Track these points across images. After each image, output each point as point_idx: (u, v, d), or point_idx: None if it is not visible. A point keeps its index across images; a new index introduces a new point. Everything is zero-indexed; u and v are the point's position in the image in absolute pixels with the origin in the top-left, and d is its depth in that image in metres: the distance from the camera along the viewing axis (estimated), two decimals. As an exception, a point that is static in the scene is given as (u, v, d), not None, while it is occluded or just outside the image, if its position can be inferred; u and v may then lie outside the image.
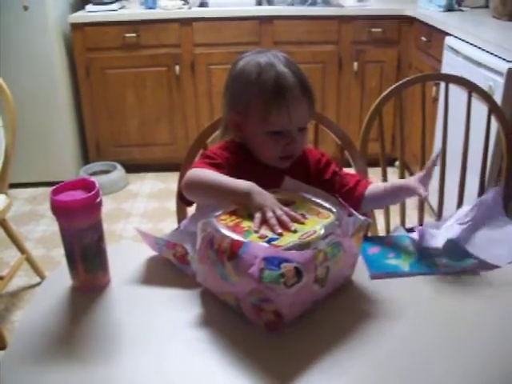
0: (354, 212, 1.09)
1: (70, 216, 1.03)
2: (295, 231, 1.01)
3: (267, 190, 1.14)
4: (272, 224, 1.03)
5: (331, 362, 0.92)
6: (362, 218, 1.07)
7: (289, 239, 0.99)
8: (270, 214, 1.05)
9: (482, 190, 1.81)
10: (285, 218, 1.04)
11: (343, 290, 1.10)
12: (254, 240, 0.98)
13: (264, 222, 1.04)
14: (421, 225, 1.76)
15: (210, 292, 1.08)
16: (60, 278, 1.14)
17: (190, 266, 1.11)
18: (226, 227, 1.02)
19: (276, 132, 1.23)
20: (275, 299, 0.95)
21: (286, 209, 1.07)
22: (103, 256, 1.11)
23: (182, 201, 1.32)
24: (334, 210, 1.09)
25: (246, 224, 1.04)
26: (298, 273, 0.94)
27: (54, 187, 1.06)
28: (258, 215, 1.05)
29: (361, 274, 1.16)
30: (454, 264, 1.18)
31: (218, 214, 1.07)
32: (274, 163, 1.28)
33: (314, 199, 1.13)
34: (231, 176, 1.18)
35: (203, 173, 1.20)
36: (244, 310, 1.01)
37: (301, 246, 0.97)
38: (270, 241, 0.98)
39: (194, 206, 1.30)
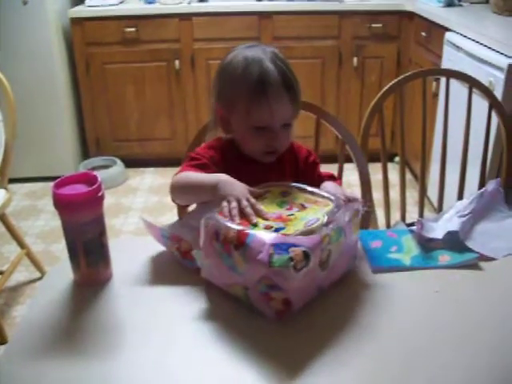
0: (352, 195, 1.14)
1: (72, 210, 1.03)
2: (256, 224, 1.02)
3: (261, 184, 1.17)
4: (232, 214, 1.04)
5: (334, 354, 0.92)
6: (356, 204, 1.10)
7: (295, 228, 1.00)
8: (233, 204, 1.06)
9: (482, 185, 1.81)
10: (248, 210, 1.05)
11: (345, 284, 1.10)
12: (261, 231, 1.00)
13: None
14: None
15: (214, 286, 1.08)
16: (61, 273, 1.14)
17: (192, 261, 1.11)
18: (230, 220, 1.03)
19: (259, 127, 1.24)
20: (284, 285, 0.96)
21: (253, 201, 1.08)
22: (105, 250, 1.11)
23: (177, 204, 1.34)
24: (332, 197, 1.11)
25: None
26: (306, 256, 0.95)
27: (56, 181, 1.06)
28: (223, 204, 1.07)
29: (363, 268, 1.16)
30: (454, 257, 1.18)
31: (220, 209, 1.07)
32: (258, 157, 1.29)
33: (309, 189, 1.16)
34: (219, 172, 1.21)
35: (184, 176, 1.23)
36: (253, 299, 1.01)
37: (306, 234, 0.99)
38: (276, 230, 1.00)
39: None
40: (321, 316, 1.02)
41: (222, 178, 1.15)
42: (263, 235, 0.97)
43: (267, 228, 1.01)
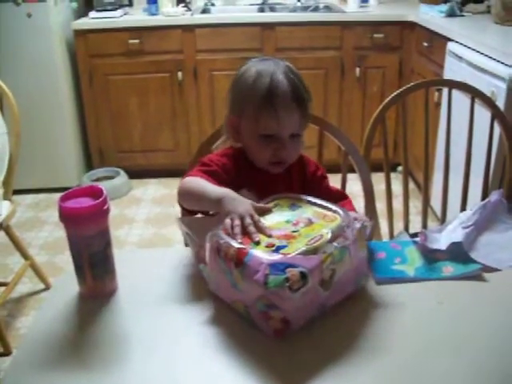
0: (356, 214, 1.12)
1: (77, 223, 1.04)
2: (258, 242, 1.01)
3: (269, 195, 1.16)
4: (235, 232, 1.03)
5: (337, 367, 0.92)
6: (364, 218, 1.10)
7: (296, 246, 0.99)
8: (236, 222, 1.05)
9: (485, 195, 1.81)
10: (251, 228, 1.04)
11: (348, 295, 1.10)
12: (261, 249, 0.99)
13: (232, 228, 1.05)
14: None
15: (221, 300, 1.08)
16: (67, 285, 1.14)
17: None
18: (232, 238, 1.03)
19: (267, 136, 1.25)
20: (281, 305, 0.95)
21: (257, 218, 1.07)
22: (111, 262, 1.11)
23: (183, 208, 1.33)
24: (341, 212, 1.10)
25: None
26: (303, 277, 0.94)
27: (62, 194, 1.06)
28: (226, 221, 1.06)
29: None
30: (458, 269, 1.18)
31: (223, 225, 1.07)
32: (265, 167, 1.30)
33: (319, 202, 1.14)
34: (230, 183, 1.21)
35: (192, 181, 1.23)
36: (253, 316, 1.01)
37: (308, 252, 0.98)
38: (277, 249, 0.99)
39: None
40: (323, 328, 1.02)
41: (228, 193, 1.14)
42: (261, 255, 0.96)
43: (269, 246, 1.00)
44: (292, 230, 1.05)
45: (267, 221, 1.08)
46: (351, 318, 1.05)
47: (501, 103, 2.19)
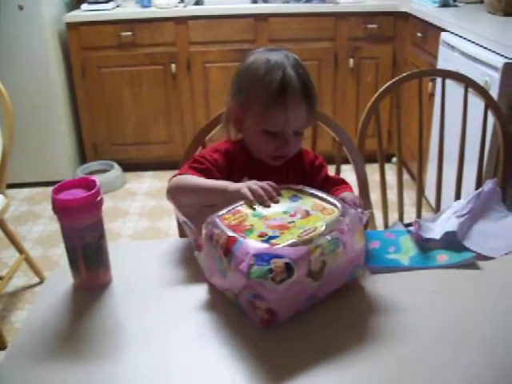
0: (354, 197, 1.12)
1: (71, 215, 1.04)
2: (251, 230, 1.01)
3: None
4: (260, 195, 1.07)
5: (332, 356, 0.93)
6: (362, 211, 1.08)
7: (287, 237, 0.98)
8: (252, 187, 1.09)
9: (479, 185, 1.81)
10: (266, 186, 1.09)
11: (342, 284, 1.10)
12: (253, 238, 0.98)
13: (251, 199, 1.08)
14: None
15: (215, 289, 1.08)
16: (61, 278, 1.14)
17: None
18: (227, 226, 1.02)
19: (271, 132, 1.25)
20: (266, 295, 0.94)
21: (261, 183, 1.11)
22: (104, 254, 1.11)
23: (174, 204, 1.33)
24: (339, 204, 1.08)
25: (249, 222, 1.04)
26: (288, 268, 0.93)
27: (55, 186, 1.06)
28: (244, 191, 1.09)
29: (361, 269, 1.16)
30: (452, 257, 1.19)
31: (221, 213, 1.07)
32: (266, 160, 1.30)
33: (319, 194, 1.13)
34: (223, 177, 1.22)
35: (186, 178, 1.23)
36: (242, 305, 1.01)
37: (298, 244, 0.97)
38: (269, 239, 0.98)
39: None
40: (315, 317, 1.02)
41: (231, 184, 1.16)
42: (249, 244, 0.96)
43: (261, 235, 0.99)
44: (288, 220, 1.04)
45: (265, 210, 1.08)
46: (344, 307, 1.05)
47: (494, 92, 2.19)
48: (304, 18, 3.51)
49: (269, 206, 1.07)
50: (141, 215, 3.33)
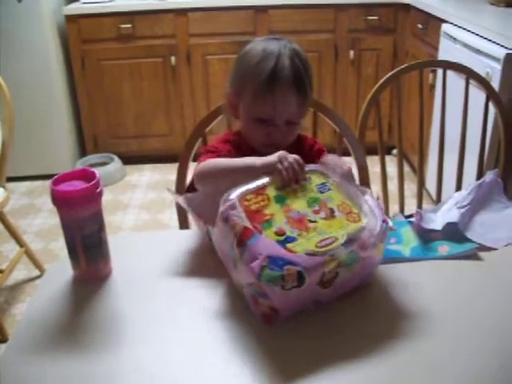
0: (385, 217, 1.03)
1: (70, 206, 1.03)
2: (270, 223, 0.96)
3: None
4: (289, 176, 1.04)
5: (331, 348, 0.93)
6: (388, 225, 1.02)
7: (305, 245, 0.94)
8: (285, 165, 1.05)
9: (480, 176, 1.81)
10: (295, 165, 1.05)
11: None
12: (269, 235, 0.95)
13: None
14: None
15: (216, 280, 1.08)
16: (61, 270, 1.14)
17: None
18: (245, 211, 0.97)
19: (262, 119, 1.25)
20: (271, 296, 0.93)
21: (291, 158, 1.07)
22: (104, 246, 1.11)
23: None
24: (367, 214, 1.02)
25: (269, 210, 0.99)
26: (300, 277, 0.91)
27: (55, 177, 1.05)
28: (278, 166, 1.05)
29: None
30: (454, 248, 1.18)
31: (244, 190, 1.01)
32: (259, 148, 1.29)
33: (351, 191, 1.06)
34: None
35: (212, 162, 1.21)
36: (246, 295, 1.00)
37: (315, 255, 0.93)
38: (285, 240, 0.94)
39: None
40: (318, 311, 1.01)
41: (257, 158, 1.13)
42: (265, 243, 0.92)
43: (279, 233, 0.95)
44: (310, 218, 0.99)
45: (289, 194, 1.03)
46: (344, 298, 1.04)
47: (495, 84, 2.18)
48: (304, 10, 3.49)
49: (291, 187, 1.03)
50: (141, 208, 3.33)
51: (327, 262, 0.93)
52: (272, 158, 1.08)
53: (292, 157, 1.07)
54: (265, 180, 1.05)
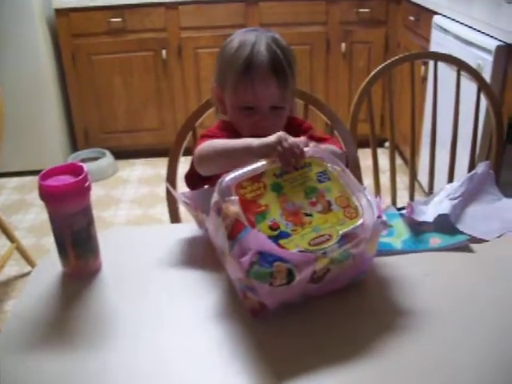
0: (382, 214, 1.01)
1: (58, 201, 1.02)
2: (264, 215, 0.93)
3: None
4: (287, 160, 1.00)
5: (325, 344, 0.92)
6: (382, 221, 1.00)
7: (298, 242, 0.92)
8: (285, 146, 1.00)
9: (472, 168, 1.81)
10: (296, 149, 1.00)
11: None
12: (263, 229, 0.92)
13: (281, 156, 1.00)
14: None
15: (207, 274, 1.07)
16: (50, 265, 1.13)
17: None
18: (240, 200, 0.94)
19: (247, 108, 1.25)
20: (259, 291, 0.91)
21: (291, 141, 1.02)
22: (94, 241, 1.10)
23: (189, 186, 1.31)
24: (364, 211, 0.99)
25: (264, 201, 0.95)
26: (289, 274, 0.89)
27: (42, 172, 1.04)
28: (278, 148, 1.01)
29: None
30: (445, 240, 1.18)
31: (240, 174, 0.98)
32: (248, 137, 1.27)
33: (351, 183, 1.03)
34: None
35: (212, 143, 1.20)
36: (236, 288, 0.99)
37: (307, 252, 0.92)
38: (279, 236, 0.92)
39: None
40: (309, 305, 1.00)
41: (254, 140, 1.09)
42: (256, 236, 0.89)
43: (272, 227, 0.93)
44: (305, 211, 0.96)
45: (286, 182, 0.99)
46: (338, 294, 1.03)
47: (487, 75, 2.18)
48: (295, 2, 3.48)
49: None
50: (133, 203, 3.32)
51: (318, 260, 0.91)
52: (271, 138, 1.04)
53: (292, 139, 1.03)
54: (262, 164, 1.00)
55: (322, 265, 0.92)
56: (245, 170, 0.99)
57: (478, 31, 2.38)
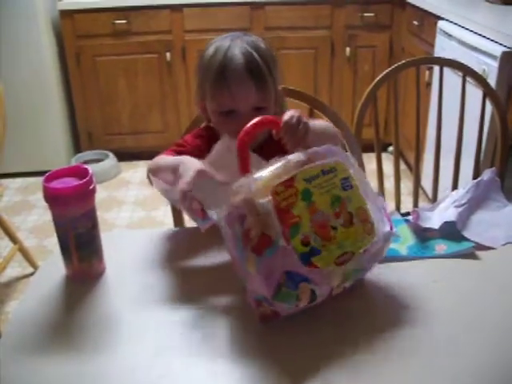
0: (392, 225, 1.02)
1: (62, 204, 1.02)
2: (298, 226, 0.88)
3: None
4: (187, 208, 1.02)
5: (330, 345, 0.92)
6: (391, 231, 1.01)
7: (326, 259, 0.90)
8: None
9: (476, 175, 1.80)
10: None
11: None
12: (296, 246, 0.88)
13: None
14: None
15: (211, 277, 1.07)
16: (53, 267, 1.13)
17: (203, 219, 1.02)
18: (275, 207, 0.88)
19: (228, 112, 1.24)
20: (279, 309, 0.93)
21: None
22: (97, 244, 1.09)
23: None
24: (379, 223, 0.99)
25: (296, 211, 0.90)
26: (312, 294, 0.91)
27: (47, 174, 1.04)
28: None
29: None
30: (451, 247, 1.17)
31: (272, 175, 0.91)
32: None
33: (368, 193, 1.00)
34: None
35: (158, 158, 1.25)
36: (247, 293, 0.97)
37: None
38: (310, 252, 0.89)
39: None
40: (314, 309, 1.00)
41: (184, 159, 1.10)
42: (284, 255, 0.87)
43: (304, 242, 0.89)
44: (331, 224, 0.92)
45: (315, 190, 0.92)
46: (343, 296, 1.03)
47: (492, 81, 2.17)
48: (300, 6, 3.48)
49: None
50: (136, 205, 3.31)
51: (338, 284, 0.94)
52: (190, 173, 1.04)
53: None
54: (290, 164, 0.93)
55: (338, 281, 0.94)
56: (276, 169, 0.92)
57: (484, 37, 2.38)
